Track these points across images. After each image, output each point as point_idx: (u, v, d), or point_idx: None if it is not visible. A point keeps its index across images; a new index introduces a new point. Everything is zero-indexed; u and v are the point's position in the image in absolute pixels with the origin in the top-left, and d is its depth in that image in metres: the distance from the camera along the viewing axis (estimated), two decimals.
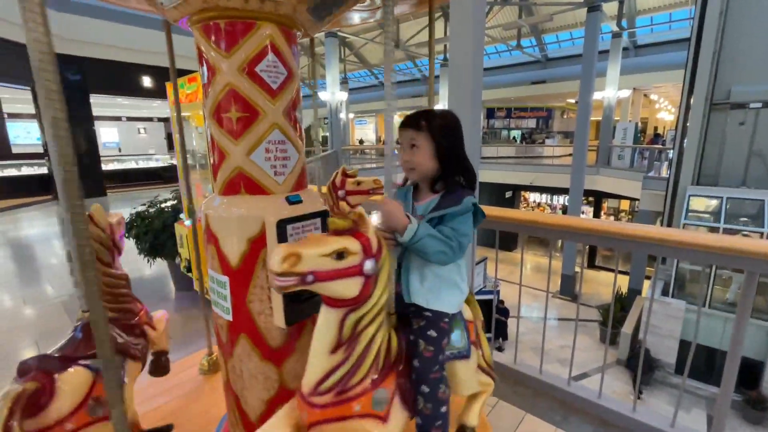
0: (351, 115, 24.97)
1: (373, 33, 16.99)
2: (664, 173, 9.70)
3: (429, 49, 1.58)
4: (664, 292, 7.23)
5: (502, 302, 8.63)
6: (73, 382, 0.98)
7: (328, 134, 14.42)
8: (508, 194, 17.36)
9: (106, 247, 1.23)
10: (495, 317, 2.27)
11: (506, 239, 14.83)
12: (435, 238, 0.97)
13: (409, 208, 1.12)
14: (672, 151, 8.29)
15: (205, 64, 1.05)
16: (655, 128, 21.24)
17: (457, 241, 0.99)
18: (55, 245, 6.02)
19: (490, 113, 22.03)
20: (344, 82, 18.73)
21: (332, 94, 12.58)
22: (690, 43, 7.05)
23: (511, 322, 8.89)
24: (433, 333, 1.03)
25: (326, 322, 0.85)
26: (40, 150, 10.68)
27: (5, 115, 12.32)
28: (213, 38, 1.01)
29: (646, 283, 10.17)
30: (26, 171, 11.28)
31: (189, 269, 3.13)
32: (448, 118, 1.10)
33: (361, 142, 26.50)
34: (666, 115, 22.19)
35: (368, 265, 0.84)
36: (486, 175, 14.55)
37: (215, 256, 1.09)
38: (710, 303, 6.70)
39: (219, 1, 0.95)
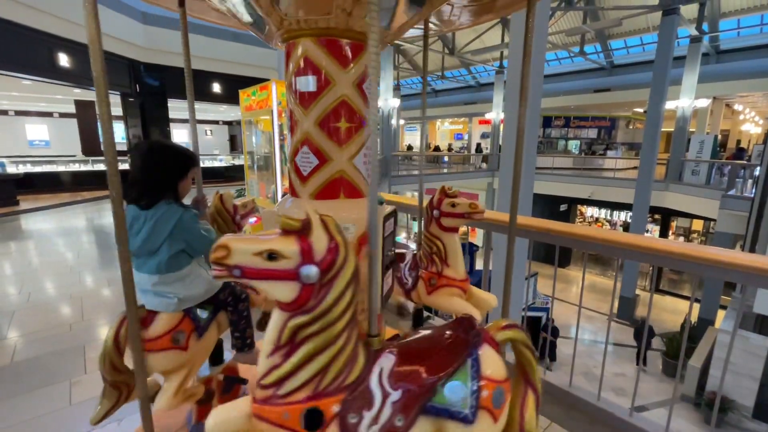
0: (401, 122, 25.17)
1: (429, 40, 17.04)
2: (748, 192, 8.71)
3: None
4: (742, 325, 6.44)
5: (552, 321, 8.20)
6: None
7: (378, 140, 14.64)
8: (563, 207, 16.51)
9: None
10: (544, 336, 2.21)
11: (559, 255, 14.09)
12: None
13: None
14: (759, 167, 7.42)
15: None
16: (738, 141, 19.13)
17: None
18: None
19: (547, 122, 21.10)
20: (396, 88, 18.95)
21: (385, 100, 12.78)
22: None
23: (560, 343, 8.41)
24: None
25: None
26: (124, 148, 11.95)
27: (97, 117, 13.94)
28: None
29: (720, 314, 9.15)
30: None
31: None
32: None
33: (410, 148, 26.61)
34: (752, 127, 19.92)
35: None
36: (540, 186, 13.96)
37: None
38: None
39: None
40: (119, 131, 15.69)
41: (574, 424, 1.79)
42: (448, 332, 0.99)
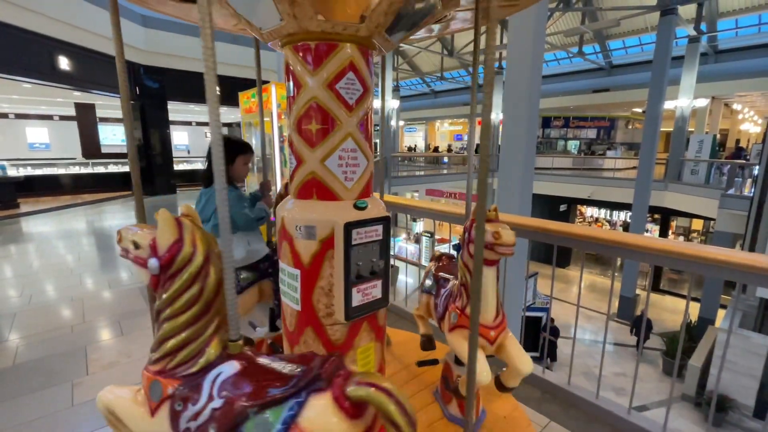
0: (401, 123, 25.22)
1: (427, 42, 17.10)
2: (747, 191, 8.73)
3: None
4: (742, 324, 6.46)
5: (552, 321, 8.20)
6: None
7: (377, 141, 14.69)
8: (563, 207, 16.52)
9: None
10: (544, 336, 2.20)
11: (559, 255, 14.05)
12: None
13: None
14: (758, 166, 7.44)
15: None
16: (737, 141, 19.15)
17: None
18: None
19: (546, 122, 21.15)
20: (396, 89, 18.96)
21: (384, 101, 12.82)
22: None
23: (560, 344, 8.42)
24: None
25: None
26: (124, 150, 11.97)
27: (97, 119, 13.97)
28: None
29: (720, 313, 9.15)
30: (112, 168, 12.71)
31: None
32: None
33: (410, 149, 26.65)
34: (751, 126, 19.94)
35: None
36: (539, 186, 13.98)
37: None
38: None
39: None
40: (119, 134, 15.70)
41: (573, 423, 1.80)
42: (313, 361, 0.88)
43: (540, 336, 7.89)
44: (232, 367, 0.90)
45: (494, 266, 1.33)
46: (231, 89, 11.50)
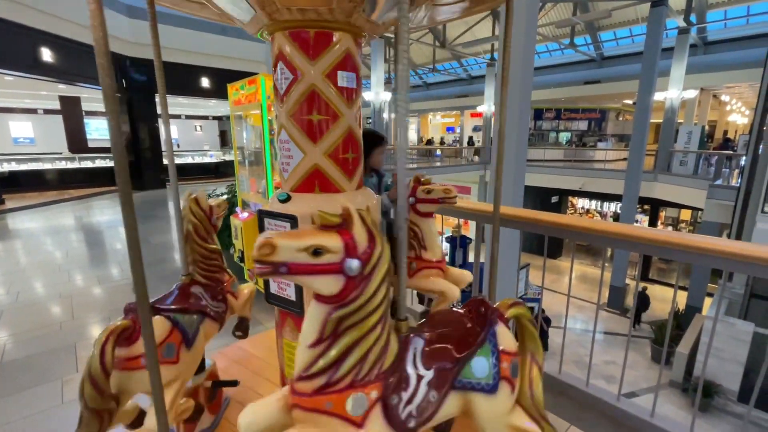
0: (393, 115, 25.05)
1: (419, 33, 16.95)
2: (734, 182, 8.88)
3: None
4: (728, 312, 6.61)
5: (543, 311, 8.30)
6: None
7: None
8: (555, 199, 16.65)
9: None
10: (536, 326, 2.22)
11: (550, 246, 14.06)
12: None
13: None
14: (744, 157, 7.55)
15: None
16: (725, 132, 19.42)
17: None
18: (121, 231, 6.61)
19: (538, 114, 21.20)
20: (388, 82, 18.80)
21: (376, 94, 12.71)
22: None
23: (552, 333, 8.54)
24: None
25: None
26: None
27: (83, 113, 13.67)
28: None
29: (707, 301, 9.35)
30: (99, 163, 12.48)
31: (242, 259, 3.33)
32: None
33: None
34: (739, 117, 20.21)
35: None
36: (531, 178, 14.06)
37: None
38: None
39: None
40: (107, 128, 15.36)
41: (564, 410, 1.83)
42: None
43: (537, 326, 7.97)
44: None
45: (323, 303, 0.86)
46: (221, 81, 11.37)
